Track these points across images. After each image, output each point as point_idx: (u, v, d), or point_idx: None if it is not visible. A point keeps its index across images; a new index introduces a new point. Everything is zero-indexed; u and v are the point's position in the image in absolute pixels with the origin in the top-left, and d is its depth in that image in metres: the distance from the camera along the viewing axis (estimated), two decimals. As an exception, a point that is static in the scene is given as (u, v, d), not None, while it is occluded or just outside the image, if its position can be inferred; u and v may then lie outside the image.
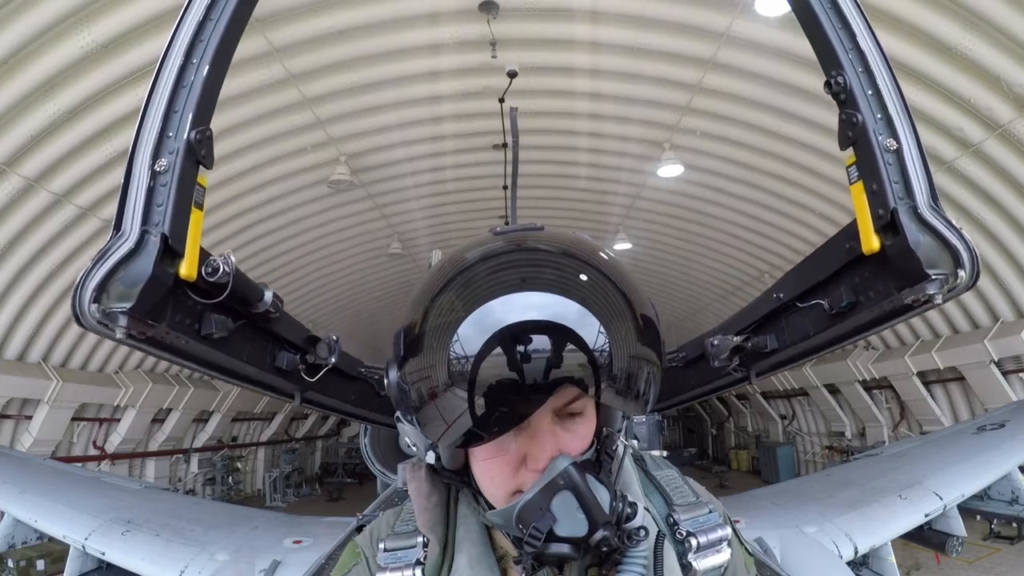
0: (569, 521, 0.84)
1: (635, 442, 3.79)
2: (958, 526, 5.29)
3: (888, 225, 1.44)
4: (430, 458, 1.05)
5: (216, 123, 1.50)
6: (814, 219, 10.88)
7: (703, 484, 1.16)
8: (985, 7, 6.63)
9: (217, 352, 1.76)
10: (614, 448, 1.02)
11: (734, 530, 1.08)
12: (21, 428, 10.44)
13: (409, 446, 1.08)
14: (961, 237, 1.37)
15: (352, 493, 20.28)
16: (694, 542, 1.00)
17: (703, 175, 10.71)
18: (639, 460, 1.16)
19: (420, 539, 1.00)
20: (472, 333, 0.83)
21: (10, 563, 7.77)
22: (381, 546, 1.02)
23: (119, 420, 12.69)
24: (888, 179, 1.41)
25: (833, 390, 15.63)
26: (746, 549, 1.13)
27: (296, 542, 5.15)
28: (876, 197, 1.44)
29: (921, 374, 12.22)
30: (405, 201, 11.75)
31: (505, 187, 9.74)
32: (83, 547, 5.04)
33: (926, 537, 5.41)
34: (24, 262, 8.94)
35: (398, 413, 0.97)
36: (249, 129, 8.82)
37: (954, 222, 1.39)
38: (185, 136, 1.42)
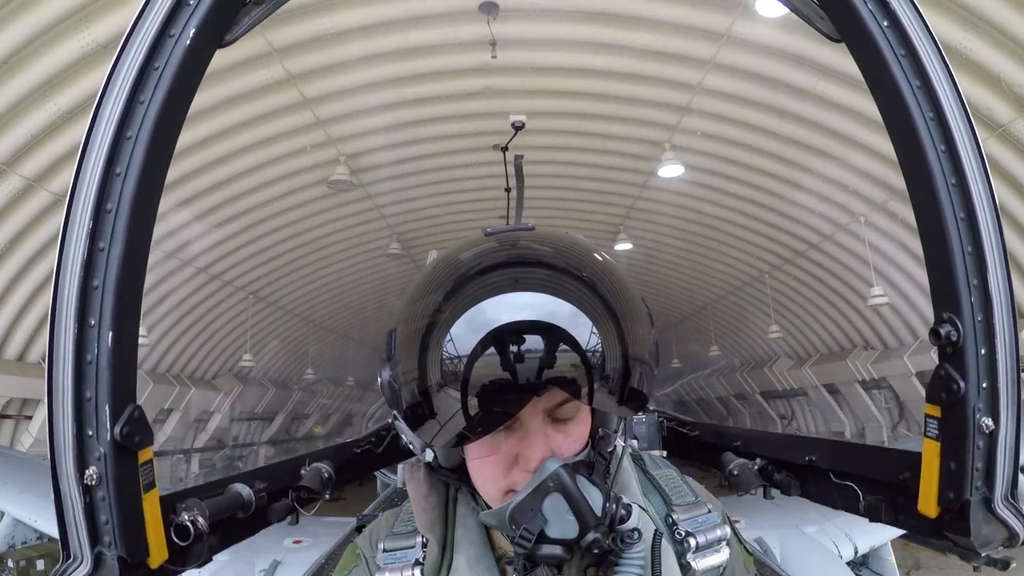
0: (559, 523, 0.83)
1: (635, 442, 3.80)
2: (958, 526, 5.27)
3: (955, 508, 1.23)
4: (428, 456, 1.05)
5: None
6: (814, 219, 10.88)
7: (703, 484, 1.15)
8: (985, 7, 6.62)
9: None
10: (609, 449, 1.01)
11: (733, 530, 1.08)
12: (21, 428, 10.44)
13: (406, 444, 1.08)
14: None
15: (352, 493, 20.25)
16: (693, 542, 1.00)
17: (703, 175, 10.70)
18: (638, 460, 1.15)
19: (419, 539, 1.00)
20: (457, 333, 0.83)
21: (10, 563, 7.76)
22: (380, 546, 1.02)
23: (119, 420, 12.68)
24: (971, 465, 1.18)
25: (832, 390, 15.60)
26: (745, 548, 1.13)
27: (296, 542, 5.15)
28: (950, 478, 1.21)
29: (920, 374, 12.19)
30: (404, 201, 11.74)
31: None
32: (83, 547, 5.02)
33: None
34: (24, 262, 8.94)
35: (394, 412, 0.97)
36: (249, 129, 8.79)
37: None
38: (109, 436, 1.07)
